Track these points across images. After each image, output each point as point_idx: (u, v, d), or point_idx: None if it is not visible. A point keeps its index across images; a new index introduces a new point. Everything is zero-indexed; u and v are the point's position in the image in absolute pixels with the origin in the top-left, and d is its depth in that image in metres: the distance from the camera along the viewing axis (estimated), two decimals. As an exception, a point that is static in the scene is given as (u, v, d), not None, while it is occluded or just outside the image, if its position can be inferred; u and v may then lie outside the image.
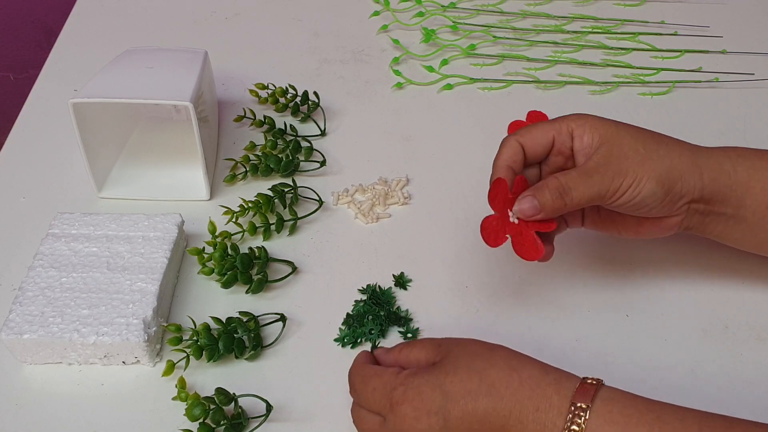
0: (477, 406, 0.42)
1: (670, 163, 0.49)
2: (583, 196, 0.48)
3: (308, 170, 0.67)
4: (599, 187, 0.48)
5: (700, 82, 0.77)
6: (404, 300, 0.57)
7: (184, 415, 0.47)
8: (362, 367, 0.47)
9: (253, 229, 0.60)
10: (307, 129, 0.71)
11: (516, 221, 0.49)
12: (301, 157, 0.67)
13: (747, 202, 0.50)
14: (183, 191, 0.64)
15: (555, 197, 0.48)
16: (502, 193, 0.49)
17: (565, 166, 0.52)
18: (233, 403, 0.49)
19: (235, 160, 0.66)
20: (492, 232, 0.50)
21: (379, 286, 0.58)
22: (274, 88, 0.72)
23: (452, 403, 0.42)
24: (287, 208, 0.62)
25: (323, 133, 0.71)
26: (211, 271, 0.56)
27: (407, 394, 0.43)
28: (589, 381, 0.42)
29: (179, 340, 0.51)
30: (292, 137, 0.69)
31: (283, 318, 0.55)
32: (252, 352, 0.52)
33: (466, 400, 0.42)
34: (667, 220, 0.51)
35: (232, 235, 0.59)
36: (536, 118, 0.72)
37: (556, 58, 0.79)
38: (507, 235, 0.49)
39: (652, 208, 0.49)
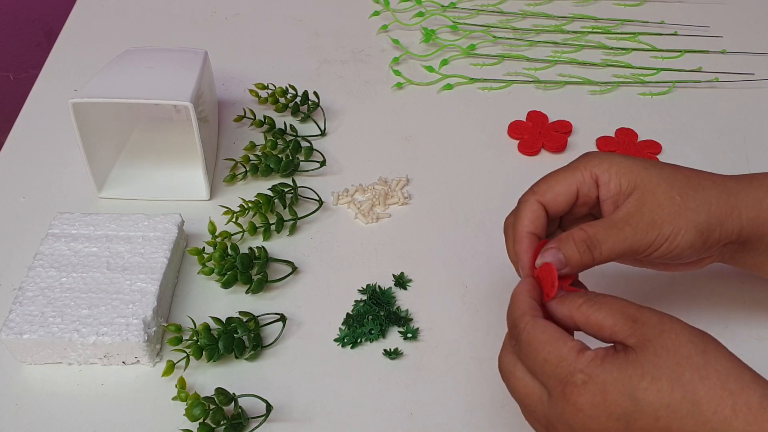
0: (671, 424, 0.35)
1: (709, 210, 0.44)
2: (614, 251, 0.43)
3: (308, 170, 0.67)
4: (632, 241, 0.43)
5: (700, 82, 0.77)
6: (404, 300, 0.57)
7: (184, 415, 0.47)
8: (535, 322, 0.40)
9: (253, 229, 0.60)
10: (307, 129, 0.71)
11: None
12: (301, 157, 0.67)
13: None
14: (183, 191, 0.64)
15: (582, 251, 0.43)
16: (549, 279, 0.43)
17: (588, 215, 0.48)
18: (233, 403, 0.49)
19: (235, 160, 0.66)
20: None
21: (379, 286, 0.58)
22: (274, 88, 0.72)
23: (641, 414, 0.36)
24: (287, 208, 0.62)
25: (323, 133, 0.71)
26: (211, 271, 0.56)
27: (588, 387, 0.37)
28: None
29: (179, 340, 0.51)
30: (292, 137, 0.69)
31: (283, 318, 0.55)
32: (252, 352, 0.52)
33: (659, 414, 0.36)
34: (699, 261, 0.48)
35: (232, 235, 0.59)
36: (536, 118, 0.72)
37: (556, 58, 0.79)
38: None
39: (688, 257, 0.46)
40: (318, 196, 0.64)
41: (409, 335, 0.54)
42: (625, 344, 0.38)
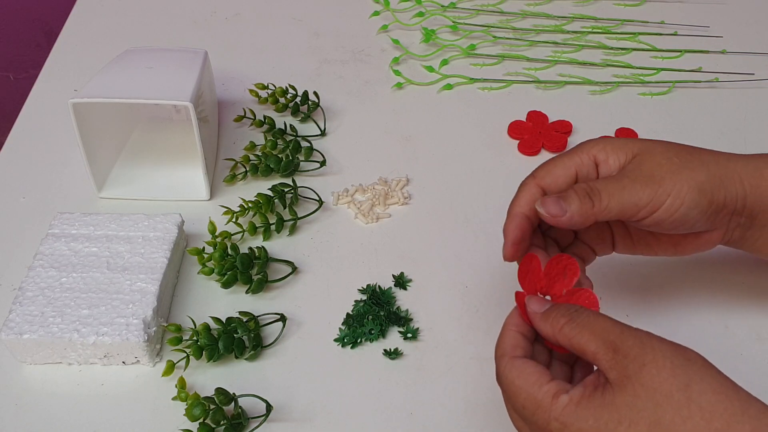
0: None
1: (708, 170, 0.44)
2: (614, 201, 0.43)
3: (308, 170, 0.67)
4: (631, 192, 0.43)
5: (700, 82, 0.77)
6: (404, 300, 0.57)
7: (184, 415, 0.47)
8: (512, 365, 0.40)
9: (253, 229, 0.60)
10: (307, 129, 0.71)
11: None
12: (301, 157, 0.67)
13: None
14: (183, 191, 0.64)
15: (583, 198, 0.43)
16: (533, 271, 0.44)
17: None
18: (233, 403, 0.49)
19: (235, 160, 0.66)
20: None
21: (379, 286, 0.58)
22: (274, 88, 0.72)
23: None
24: (287, 208, 0.62)
25: (323, 133, 0.71)
26: (211, 271, 0.56)
27: None
28: None
29: (179, 340, 0.51)
30: (292, 137, 0.69)
31: (283, 318, 0.55)
32: (252, 352, 0.52)
33: None
34: (707, 235, 0.47)
35: (232, 235, 0.59)
36: (536, 118, 0.72)
37: (556, 58, 0.79)
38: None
39: (696, 222, 0.45)
40: (318, 196, 0.64)
41: (409, 335, 0.54)
42: (605, 376, 0.37)
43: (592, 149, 0.46)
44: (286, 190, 0.63)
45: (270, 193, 0.62)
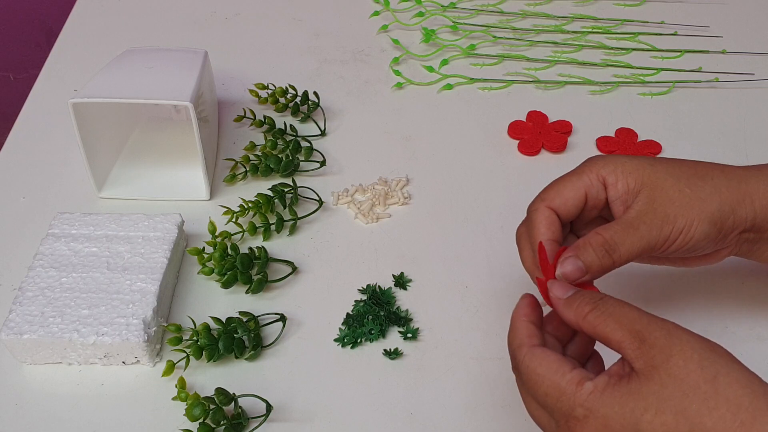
0: None
1: (720, 198, 0.44)
2: (632, 251, 0.43)
3: (308, 170, 0.67)
4: (648, 239, 0.43)
5: (700, 82, 0.77)
6: (404, 300, 0.57)
7: (184, 415, 0.47)
8: (532, 354, 0.39)
9: (253, 229, 0.60)
10: (307, 129, 0.71)
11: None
12: (301, 157, 0.67)
13: None
14: (183, 191, 0.64)
15: (601, 255, 0.42)
16: (543, 261, 0.44)
17: (599, 218, 0.47)
18: (233, 403, 0.49)
19: (235, 160, 0.66)
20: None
21: (379, 286, 0.58)
22: (274, 88, 0.72)
23: None
24: (287, 208, 0.62)
25: (323, 133, 0.71)
26: (211, 271, 0.56)
27: (589, 421, 0.36)
28: None
29: (179, 340, 0.51)
30: (292, 137, 0.69)
31: (283, 318, 0.55)
32: (252, 352, 0.52)
33: None
34: (716, 253, 0.47)
35: (232, 235, 0.59)
36: (536, 118, 0.72)
37: (556, 58, 0.79)
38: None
39: (705, 248, 0.45)
40: (318, 196, 0.64)
41: (409, 335, 0.54)
42: (631, 365, 0.37)
43: (601, 170, 0.45)
44: (286, 190, 0.63)
45: (270, 193, 0.62)
